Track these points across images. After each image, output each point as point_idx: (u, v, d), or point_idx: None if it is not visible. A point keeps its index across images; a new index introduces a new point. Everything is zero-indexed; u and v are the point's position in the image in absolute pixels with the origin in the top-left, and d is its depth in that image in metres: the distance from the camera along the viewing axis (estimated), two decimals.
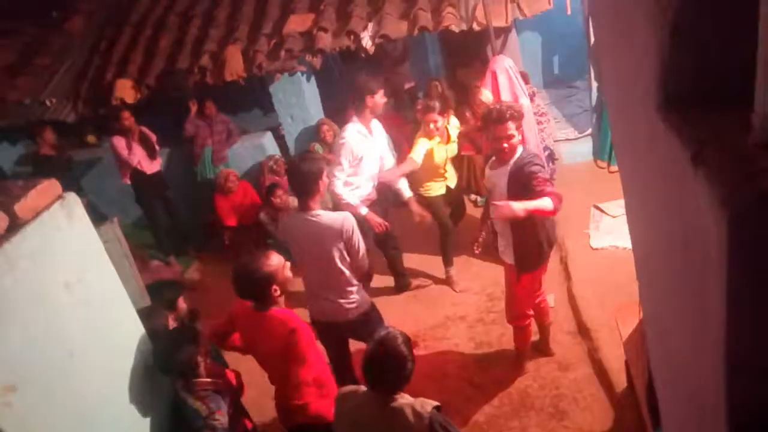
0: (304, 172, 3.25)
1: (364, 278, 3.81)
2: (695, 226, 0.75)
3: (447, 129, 4.85)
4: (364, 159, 4.21)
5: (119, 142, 5.93)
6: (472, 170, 5.90)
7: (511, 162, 3.30)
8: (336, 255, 3.24)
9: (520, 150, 3.35)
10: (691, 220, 0.76)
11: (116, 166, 6.13)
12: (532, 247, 3.45)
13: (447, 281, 5.05)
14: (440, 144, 4.77)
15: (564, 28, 7.38)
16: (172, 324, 3.08)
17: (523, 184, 3.24)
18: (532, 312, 3.75)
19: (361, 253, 3.31)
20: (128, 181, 6.14)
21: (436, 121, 4.61)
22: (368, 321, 3.41)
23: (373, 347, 2.37)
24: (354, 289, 3.37)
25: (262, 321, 2.89)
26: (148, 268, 5.77)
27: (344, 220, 3.24)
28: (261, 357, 3.05)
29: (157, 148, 6.14)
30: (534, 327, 3.91)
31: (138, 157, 5.98)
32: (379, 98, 4.19)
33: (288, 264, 2.96)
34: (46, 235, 1.97)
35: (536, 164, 3.26)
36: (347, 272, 3.29)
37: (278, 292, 2.84)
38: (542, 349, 4.04)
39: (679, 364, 1.06)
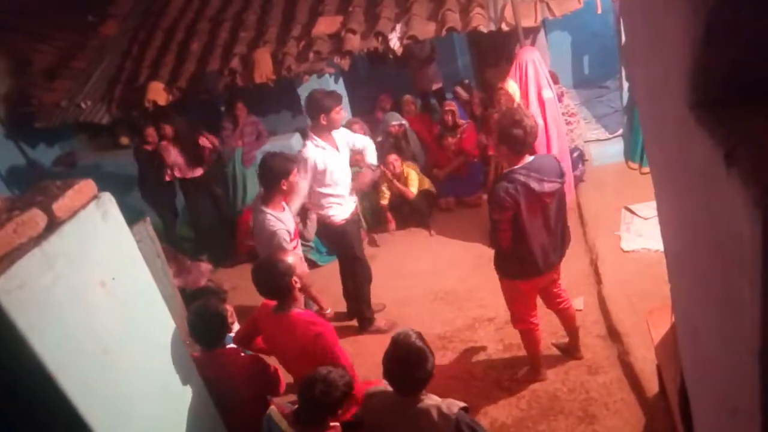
0: (266, 168, 3.64)
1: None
2: (728, 226, 0.74)
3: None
4: (331, 172, 4.14)
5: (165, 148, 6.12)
6: (499, 171, 5.87)
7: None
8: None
9: (530, 158, 3.26)
10: (724, 220, 0.75)
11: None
12: (500, 254, 3.48)
13: None
14: None
15: (594, 27, 7.29)
16: (231, 313, 3.13)
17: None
18: (534, 319, 3.68)
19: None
20: (169, 179, 6.27)
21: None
22: None
23: (389, 349, 2.38)
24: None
25: (283, 322, 2.95)
26: (180, 264, 5.87)
27: (270, 233, 3.59)
28: (284, 358, 3.10)
29: (206, 157, 6.27)
30: (560, 330, 3.87)
31: (173, 162, 6.12)
32: (336, 115, 4.07)
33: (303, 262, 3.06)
34: (83, 234, 2.02)
35: (504, 188, 3.15)
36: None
37: (299, 284, 2.94)
38: (571, 352, 3.98)
39: (711, 368, 1.04)
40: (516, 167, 3.19)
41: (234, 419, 2.97)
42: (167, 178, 6.24)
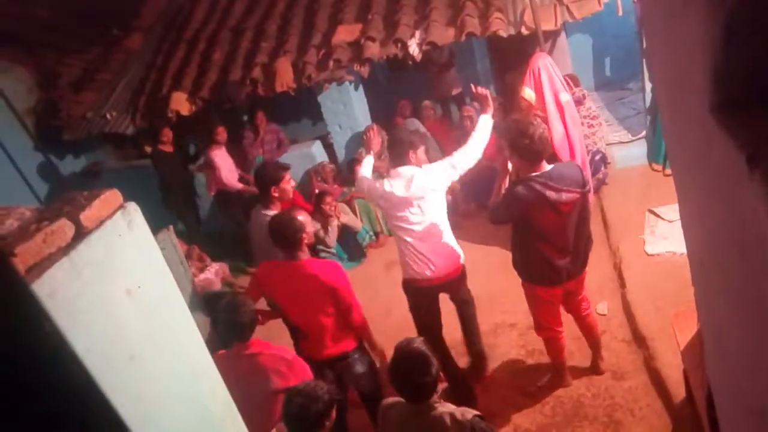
0: (257, 177, 3.87)
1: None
2: (752, 229, 0.73)
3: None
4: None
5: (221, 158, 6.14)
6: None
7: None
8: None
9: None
10: (748, 223, 0.74)
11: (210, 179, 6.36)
12: (516, 256, 3.48)
13: None
14: None
15: (615, 29, 7.23)
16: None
17: None
18: (557, 327, 3.64)
19: None
20: (213, 193, 6.34)
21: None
22: None
23: (393, 357, 2.38)
24: None
25: (292, 270, 3.20)
26: (203, 263, 5.95)
27: None
28: (294, 306, 3.29)
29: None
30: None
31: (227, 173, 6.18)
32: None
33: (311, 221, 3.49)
34: (109, 243, 2.06)
35: (516, 193, 3.15)
36: None
37: (308, 240, 3.27)
38: (591, 364, 3.93)
39: (737, 372, 1.03)
40: (533, 174, 3.14)
41: (261, 414, 2.99)
42: (212, 192, 6.24)
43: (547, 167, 3.16)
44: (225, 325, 3.08)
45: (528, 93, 4.87)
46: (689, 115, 0.98)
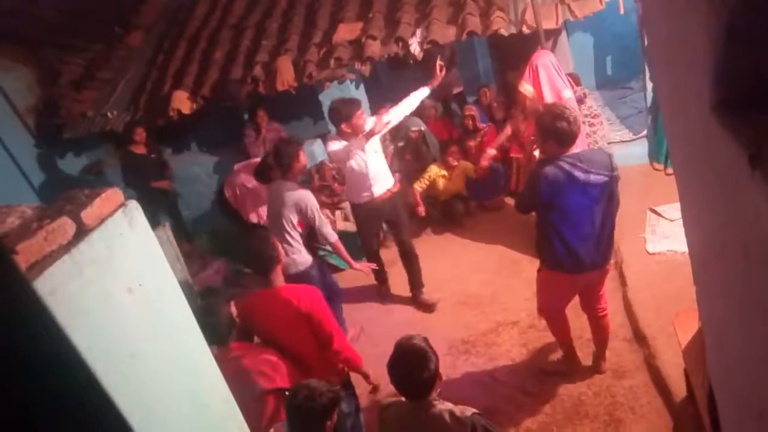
0: (279, 153, 4.19)
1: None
2: (754, 230, 0.73)
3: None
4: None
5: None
6: (520, 172, 5.84)
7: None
8: (285, 219, 4.10)
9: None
10: (750, 223, 0.74)
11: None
12: (541, 242, 3.47)
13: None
14: None
15: (617, 27, 7.22)
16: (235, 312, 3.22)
17: None
18: (562, 310, 3.68)
19: (317, 223, 4.12)
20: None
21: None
22: (302, 279, 4.01)
23: (392, 354, 2.38)
24: (292, 250, 4.13)
25: (270, 297, 3.14)
26: (205, 262, 5.93)
27: (300, 197, 4.10)
28: (274, 333, 3.17)
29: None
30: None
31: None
32: (357, 120, 4.39)
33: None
34: (110, 241, 2.06)
35: (545, 172, 3.14)
36: (291, 234, 4.13)
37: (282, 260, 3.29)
38: (594, 364, 3.93)
39: (737, 371, 1.03)
40: (562, 155, 3.13)
41: (250, 418, 2.99)
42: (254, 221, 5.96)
43: (575, 150, 3.17)
44: (202, 329, 3.06)
45: (526, 88, 4.88)
46: (690, 115, 0.98)
